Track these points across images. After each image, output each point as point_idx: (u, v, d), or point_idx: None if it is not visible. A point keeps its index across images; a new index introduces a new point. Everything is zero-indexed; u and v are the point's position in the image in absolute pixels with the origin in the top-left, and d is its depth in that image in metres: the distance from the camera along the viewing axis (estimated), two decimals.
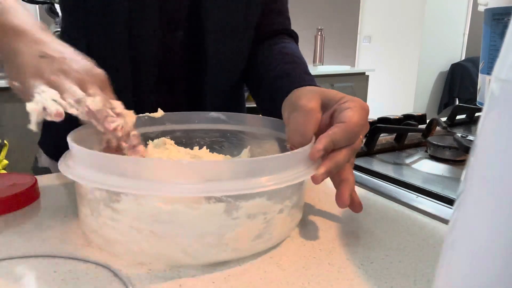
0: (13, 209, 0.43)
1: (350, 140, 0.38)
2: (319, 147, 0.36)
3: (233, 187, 0.30)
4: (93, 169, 0.32)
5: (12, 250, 0.35)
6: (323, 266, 0.34)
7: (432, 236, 0.39)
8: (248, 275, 0.32)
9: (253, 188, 0.31)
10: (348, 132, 0.37)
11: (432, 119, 0.72)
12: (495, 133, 0.18)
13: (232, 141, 0.52)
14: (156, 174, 0.30)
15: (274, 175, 0.32)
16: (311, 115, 0.39)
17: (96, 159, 0.32)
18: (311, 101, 0.40)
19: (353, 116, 0.38)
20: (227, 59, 0.61)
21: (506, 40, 0.18)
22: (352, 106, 0.39)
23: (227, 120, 0.52)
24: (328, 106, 0.41)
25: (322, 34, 3.05)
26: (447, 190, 0.48)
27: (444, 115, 0.89)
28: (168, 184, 0.30)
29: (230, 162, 0.34)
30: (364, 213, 0.44)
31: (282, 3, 0.66)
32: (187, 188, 0.30)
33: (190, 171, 0.30)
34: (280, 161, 0.33)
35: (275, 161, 0.33)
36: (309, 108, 0.39)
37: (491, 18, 0.54)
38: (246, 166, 0.32)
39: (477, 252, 0.19)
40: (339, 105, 0.39)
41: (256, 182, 0.31)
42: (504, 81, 0.17)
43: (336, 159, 0.37)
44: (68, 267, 0.33)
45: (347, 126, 0.37)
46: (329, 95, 0.41)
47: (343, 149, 0.38)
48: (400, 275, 0.32)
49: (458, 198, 0.21)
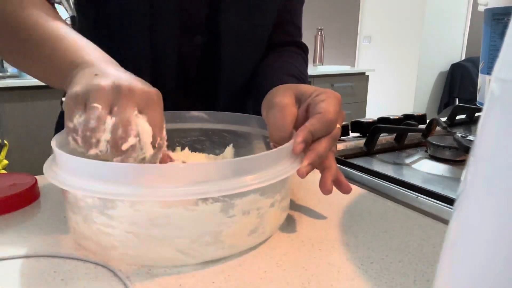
0: (13, 209, 0.43)
1: (328, 129, 0.39)
2: (299, 139, 0.37)
3: (228, 186, 0.31)
4: (84, 176, 0.31)
5: (12, 250, 0.35)
6: (323, 266, 0.34)
7: (432, 236, 0.39)
8: (248, 275, 0.32)
9: (249, 185, 0.32)
10: (325, 122, 0.39)
11: (432, 119, 0.72)
12: (495, 133, 0.18)
13: (214, 140, 0.52)
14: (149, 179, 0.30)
15: (263, 172, 0.33)
16: (287, 110, 0.41)
17: (86, 166, 0.31)
18: (285, 97, 0.42)
19: (328, 106, 0.39)
20: (241, 64, 0.62)
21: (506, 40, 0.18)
22: (325, 97, 0.40)
23: (209, 119, 0.52)
24: (302, 100, 0.42)
25: (322, 34, 3.05)
26: (447, 190, 0.48)
27: (444, 115, 0.89)
28: (164, 188, 0.30)
29: (222, 163, 0.34)
30: (364, 213, 0.44)
31: (295, 15, 0.67)
32: (183, 191, 0.30)
33: (186, 174, 0.30)
34: (268, 158, 0.34)
35: (264, 158, 0.34)
36: (284, 104, 0.41)
37: (491, 18, 0.54)
38: (238, 165, 0.32)
39: (478, 252, 0.19)
40: (313, 98, 0.41)
41: (250, 179, 0.32)
42: (504, 81, 0.17)
43: (318, 150, 0.38)
44: (68, 267, 0.33)
45: (323, 116, 0.39)
46: (301, 90, 0.43)
47: (322, 140, 0.39)
48: (400, 275, 0.32)
49: (458, 198, 0.21)
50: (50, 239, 0.37)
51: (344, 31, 4.13)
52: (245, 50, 0.61)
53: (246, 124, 0.51)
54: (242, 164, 0.32)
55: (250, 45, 0.61)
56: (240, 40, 0.59)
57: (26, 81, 1.82)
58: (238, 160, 0.32)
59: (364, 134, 0.72)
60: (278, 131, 0.40)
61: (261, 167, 0.33)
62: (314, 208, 0.45)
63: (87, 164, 0.31)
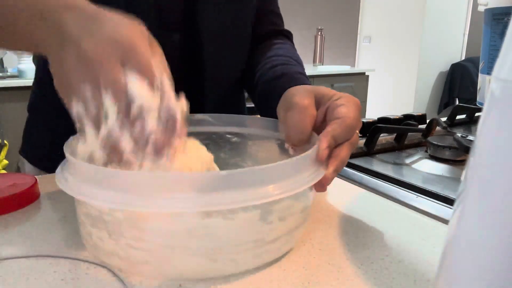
0: (13, 209, 0.43)
1: (348, 134, 0.38)
2: (324, 145, 0.36)
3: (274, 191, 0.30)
4: (111, 189, 0.29)
5: (12, 250, 0.35)
6: (323, 266, 0.34)
7: (432, 236, 0.39)
8: (248, 275, 0.32)
9: (293, 189, 0.31)
10: (346, 127, 0.38)
11: (432, 119, 0.72)
12: (495, 133, 0.18)
13: (219, 143, 0.50)
14: (184, 187, 0.29)
15: (298, 176, 0.32)
16: (307, 112, 0.40)
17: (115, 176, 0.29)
18: (306, 98, 0.41)
19: (348, 111, 0.38)
20: (224, 61, 0.61)
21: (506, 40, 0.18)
22: (345, 102, 0.39)
23: (213, 122, 0.50)
24: (321, 103, 0.41)
25: (322, 34, 3.05)
26: (447, 190, 0.48)
27: (444, 115, 0.89)
28: (206, 196, 0.28)
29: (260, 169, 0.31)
30: (364, 213, 0.44)
31: (273, 3, 0.66)
32: (230, 199, 0.28)
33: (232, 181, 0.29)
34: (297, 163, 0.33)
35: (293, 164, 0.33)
36: (304, 105, 0.40)
37: (491, 18, 0.54)
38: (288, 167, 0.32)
39: (478, 252, 0.19)
40: (332, 102, 0.40)
41: (288, 184, 0.31)
42: (504, 81, 0.17)
43: (341, 156, 0.38)
44: (68, 267, 0.33)
45: (344, 121, 0.38)
46: (321, 92, 0.42)
47: (343, 145, 0.38)
48: (400, 275, 0.32)
49: (458, 198, 0.21)
50: (50, 239, 0.37)
51: (344, 31, 4.13)
52: (227, 45, 0.60)
53: (252, 126, 0.49)
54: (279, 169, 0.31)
55: (231, 39, 0.60)
56: (220, 35, 0.58)
57: (26, 81, 1.82)
58: (278, 165, 0.31)
59: (364, 134, 0.72)
60: (297, 133, 0.39)
61: (293, 172, 0.32)
62: (314, 208, 0.45)
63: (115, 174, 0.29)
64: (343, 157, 0.38)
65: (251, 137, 0.49)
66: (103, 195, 0.29)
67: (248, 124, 0.49)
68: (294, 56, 0.58)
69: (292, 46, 0.63)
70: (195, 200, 0.28)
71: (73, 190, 0.31)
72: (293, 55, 0.58)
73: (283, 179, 0.31)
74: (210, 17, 0.56)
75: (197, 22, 0.55)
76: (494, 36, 0.54)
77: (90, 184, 0.30)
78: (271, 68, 0.55)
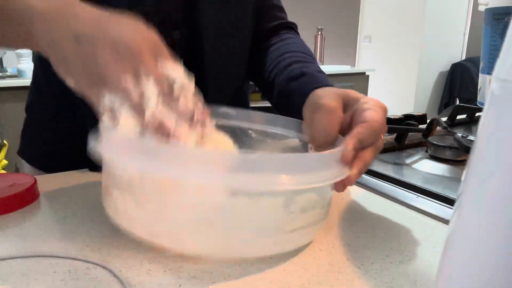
0: (13, 209, 0.43)
1: (374, 138, 0.38)
2: (350, 147, 0.36)
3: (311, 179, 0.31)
4: (144, 156, 0.29)
5: (12, 250, 0.35)
6: (323, 266, 0.34)
7: (432, 236, 0.39)
8: (248, 275, 0.32)
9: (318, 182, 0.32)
10: (372, 131, 0.38)
11: (432, 119, 0.72)
12: (495, 133, 0.18)
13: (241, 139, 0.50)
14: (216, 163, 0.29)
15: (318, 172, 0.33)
16: (335, 114, 0.40)
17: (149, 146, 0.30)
18: (334, 101, 0.40)
19: (376, 115, 0.38)
20: (225, 58, 0.60)
21: (506, 40, 0.18)
22: (372, 106, 0.39)
23: (237, 116, 0.50)
24: (349, 106, 0.41)
25: (322, 34, 3.05)
26: (447, 190, 0.48)
27: (445, 115, 0.89)
28: (236, 175, 0.29)
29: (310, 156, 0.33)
30: (364, 213, 0.44)
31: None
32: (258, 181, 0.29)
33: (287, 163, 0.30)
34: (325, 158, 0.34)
35: (325, 158, 0.34)
36: (332, 108, 0.40)
37: (491, 18, 0.54)
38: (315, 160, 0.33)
39: (478, 252, 0.19)
40: (360, 105, 0.40)
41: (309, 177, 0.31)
42: (504, 81, 0.17)
43: (365, 159, 0.37)
44: (68, 267, 0.33)
45: (371, 125, 0.38)
46: (349, 95, 0.42)
47: (369, 149, 0.38)
48: (400, 275, 0.32)
49: (458, 198, 0.21)
50: (50, 239, 0.37)
51: (344, 31, 4.13)
52: (227, 42, 0.59)
53: (274, 125, 0.49)
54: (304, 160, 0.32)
55: (232, 36, 0.60)
56: (221, 32, 0.58)
57: (26, 81, 1.82)
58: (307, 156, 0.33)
59: None
60: (323, 136, 0.39)
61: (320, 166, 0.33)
62: None
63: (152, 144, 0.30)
64: (367, 160, 0.38)
65: (273, 135, 0.49)
66: (137, 160, 0.29)
67: (272, 123, 0.49)
68: (307, 51, 0.58)
69: (300, 39, 0.63)
70: (226, 176, 0.29)
71: (109, 152, 0.31)
72: (306, 50, 0.58)
73: (310, 171, 0.32)
74: (210, 14, 0.56)
75: (197, 19, 0.55)
76: (495, 36, 0.54)
77: (125, 151, 0.31)
78: (287, 66, 0.54)
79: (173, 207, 0.31)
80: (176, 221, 0.31)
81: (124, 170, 0.32)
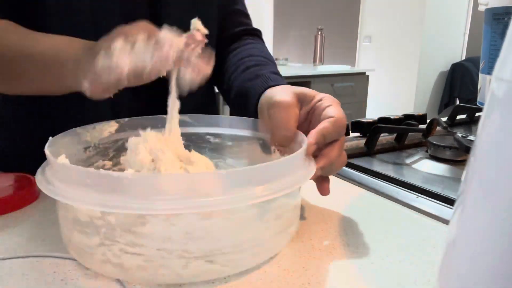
0: (13, 209, 0.43)
1: (339, 133, 0.39)
2: (312, 141, 0.37)
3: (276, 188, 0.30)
4: (105, 192, 0.27)
5: (12, 250, 0.35)
6: (323, 266, 0.34)
7: (432, 236, 0.39)
8: (248, 276, 0.32)
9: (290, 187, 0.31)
10: (338, 126, 0.39)
11: (432, 119, 0.72)
12: (495, 133, 0.18)
13: (199, 144, 0.49)
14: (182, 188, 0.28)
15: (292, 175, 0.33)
16: (291, 110, 0.40)
17: (107, 179, 0.28)
18: (288, 97, 0.41)
19: (339, 111, 0.39)
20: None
21: (506, 40, 0.18)
22: (331, 102, 0.40)
23: (193, 123, 0.49)
24: (305, 102, 0.42)
25: (322, 34, 3.05)
26: (447, 190, 0.48)
27: (445, 115, 0.89)
28: (205, 196, 0.28)
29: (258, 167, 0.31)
30: (364, 213, 0.44)
31: (241, 3, 0.66)
32: (228, 199, 0.28)
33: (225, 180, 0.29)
34: (289, 162, 0.34)
35: (286, 162, 0.33)
36: (287, 103, 0.41)
37: (491, 18, 0.54)
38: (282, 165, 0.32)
39: (478, 252, 0.18)
40: (318, 103, 0.41)
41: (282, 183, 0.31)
42: (505, 81, 0.17)
43: (330, 155, 0.38)
44: (68, 267, 0.33)
45: (337, 121, 0.39)
46: (304, 92, 0.42)
47: (334, 144, 0.39)
48: (400, 275, 0.32)
49: (458, 198, 0.21)
50: (50, 239, 0.37)
51: (344, 31, 4.13)
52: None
53: (232, 126, 0.48)
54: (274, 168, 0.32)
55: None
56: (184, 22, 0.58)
57: None
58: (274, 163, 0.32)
59: (365, 134, 0.72)
60: (282, 131, 0.40)
61: (287, 171, 0.33)
62: (314, 209, 0.45)
63: (108, 177, 0.28)
64: (332, 156, 0.38)
65: (231, 137, 0.49)
66: (94, 198, 0.27)
67: (228, 125, 0.49)
68: (266, 55, 0.58)
69: (263, 44, 0.64)
70: (194, 201, 0.28)
71: (59, 195, 0.29)
72: (266, 54, 0.58)
73: (283, 177, 0.32)
74: (175, 20, 0.56)
75: (162, 25, 0.56)
76: (495, 36, 0.54)
77: (78, 187, 0.29)
78: (245, 70, 0.55)
79: (143, 240, 0.29)
80: (148, 253, 0.29)
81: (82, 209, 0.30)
